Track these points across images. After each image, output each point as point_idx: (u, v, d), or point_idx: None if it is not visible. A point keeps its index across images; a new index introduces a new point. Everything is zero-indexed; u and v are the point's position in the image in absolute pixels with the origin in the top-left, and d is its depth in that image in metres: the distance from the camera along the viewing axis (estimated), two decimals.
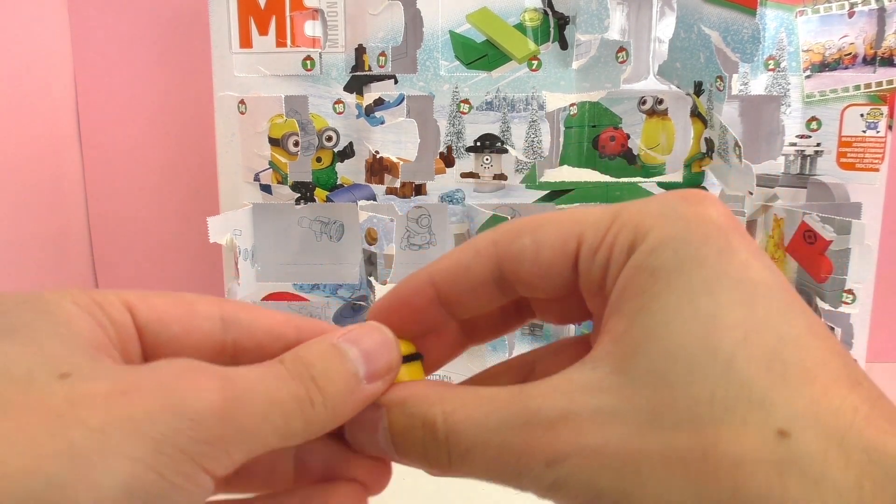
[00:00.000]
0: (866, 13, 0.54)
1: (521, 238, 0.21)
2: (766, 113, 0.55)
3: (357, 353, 0.20)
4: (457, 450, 0.19)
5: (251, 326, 0.21)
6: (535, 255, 0.20)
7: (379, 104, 0.56)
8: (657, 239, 0.18)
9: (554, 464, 0.18)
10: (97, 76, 0.72)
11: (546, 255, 0.20)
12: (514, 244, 0.21)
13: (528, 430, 0.18)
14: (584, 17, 0.54)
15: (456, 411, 0.19)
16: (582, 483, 0.17)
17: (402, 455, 0.20)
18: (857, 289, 0.53)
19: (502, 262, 0.21)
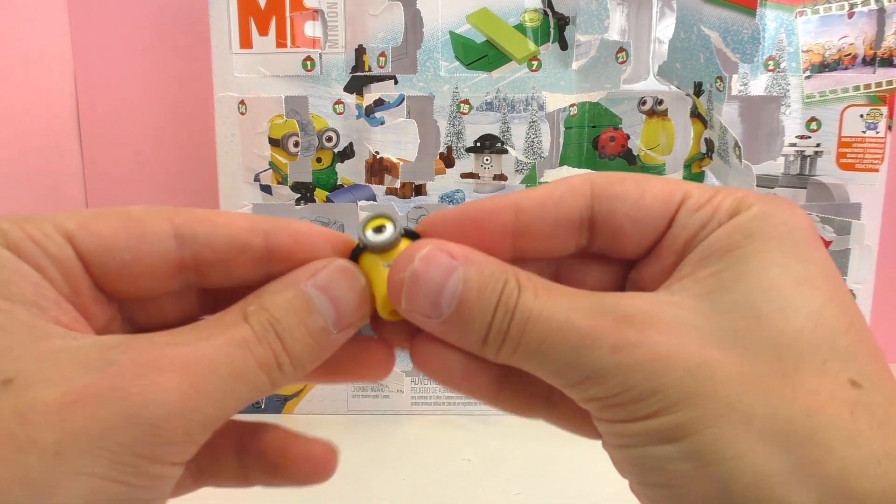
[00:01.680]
0: (866, 14, 0.54)
1: (623, 182, 0.21)
2: (766, 113, 0.55)
3: (327, 305, 0.20)
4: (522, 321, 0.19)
5: (210, 240, 0.20)
6: (637, 199, 0.21)
7: (379, 104, 0.56)
8: (759, 210, 0.20)
9: (620, 349, 0.18)
10: (97, 76, 0.72)
11: (648, 201, 0.21)
12: (614, 186, 0.21)
13: (601, 316, 0.19)
14: (583, 17, 0.54)
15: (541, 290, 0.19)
16: (645, 374, 0.18)
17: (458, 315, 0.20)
18: (857, 289, 0.53)
19: (599, 200, 0.21)
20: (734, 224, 0.19)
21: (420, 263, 0.20)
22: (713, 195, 0.20)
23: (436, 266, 0.20)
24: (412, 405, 0.61)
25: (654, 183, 0.21)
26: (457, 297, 0.19)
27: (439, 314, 0.20)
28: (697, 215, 0.20)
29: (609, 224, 0.21)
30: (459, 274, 0.19)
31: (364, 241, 0.21)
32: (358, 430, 0.58)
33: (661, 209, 0.21)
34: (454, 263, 0.20)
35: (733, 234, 0.19)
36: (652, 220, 0.21)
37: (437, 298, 0.20)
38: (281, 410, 0.61)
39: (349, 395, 0.61)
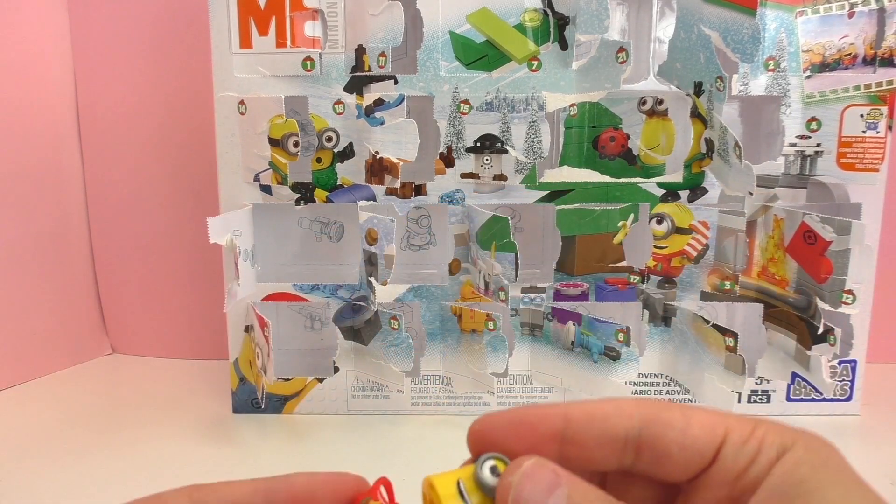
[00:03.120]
0: (866, 13, 0.54)
1: (670, 409, 0.23)
2: (766, 113, 0.55)
3: None
4: None
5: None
6: (684, 426, 0.22)
7: (379, 104, 0.56)
8: (808, 444, 0.21)
9: None
10: (97, 76, 0.72)
11: (695, 430, 0.22)
12: (663, 412, 0.22)
13: None
14: (584, 17, 0.54)
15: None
16: None
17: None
18: (856, 289, 0.53)
19: (647, 424, 0.22)
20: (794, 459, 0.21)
21: (526, 472, 0.21)
22: (754, 428, 0.22)
23: (541, 479, 0.21)
24: (412, 405, 0.61)
25: (699, 413, 0.22)
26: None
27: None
28: (745, 449, 0.21)
29: (657, 447, 0.22)
30: (563, 491, 0.21)
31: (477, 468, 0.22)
32: (358, 430, 0.58)
33: (707, 439, 0.22)
34: (558, 480, 0.21)
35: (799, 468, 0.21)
36: (698, 448, 0.22)
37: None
38: (281, 410, 0.61)
39: (349, 395, 0.61)
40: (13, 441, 0.57)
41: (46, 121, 0.70)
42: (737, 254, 0.58)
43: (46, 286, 0.72)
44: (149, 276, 0.75)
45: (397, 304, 0.59)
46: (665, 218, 0.58)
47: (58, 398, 0.66)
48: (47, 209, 0.71)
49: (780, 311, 0.58)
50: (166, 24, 0.69)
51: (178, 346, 0.76)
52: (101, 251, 0.76)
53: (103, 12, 0.70)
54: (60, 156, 0.72)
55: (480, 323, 0.59)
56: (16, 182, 0.68)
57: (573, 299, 0.59)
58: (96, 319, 0.77)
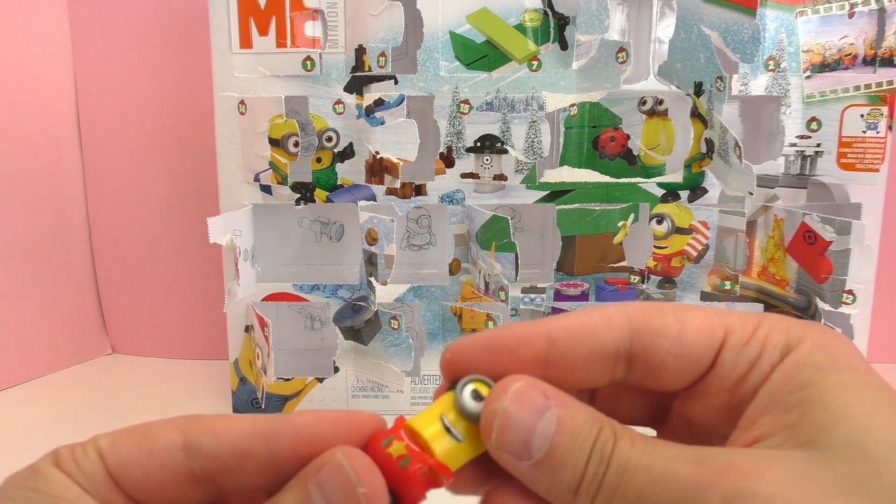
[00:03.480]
0: (866, 14, 0.54)
1: (662, 314, 0.20)
2: (766, 113, 0.55)
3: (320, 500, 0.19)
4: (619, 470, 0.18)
5: (212, 450, 0.20)
6: (678, 333, 0.20)
7: (379, 104, 0.56)
8: (814, 343, 0.19)
9: (734, 500, 0.17)
10: (97, 76, 0.72)
11: (691, 336, 0.20)
12: (654, 318, 0.20)
13: (706, 465, 0.18)
14: (584, 17, 0.54)
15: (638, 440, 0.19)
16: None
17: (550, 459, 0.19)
18: (857, 289, 0.53)
19: (637, 334, 0.20)
20: (796, 360, 0.19)
21: (513, 398, 0.19)
22: (756, 328, 0.20)
23: (529, 403, 0.19)
24: (412, 405, 0.61)
25: (695, 315, 0.20)
26: (549, 439, 0.19)
27: (529, 455, 0.19)
28: (745, 352, 0.20)
29: (649, 358, 0.20)
30: (553, 414, 0.19)
31: (458, 396, 0.20)
32: None
33: (704, 344, 0.20)
34: (547, 403, 0.19)
35: (802, 370, 0.19)
36: (695, 355, 0.20)
37: (529, 437, 0.19)
38: (281, 410, 0.61)
39: (349, 394, 0.61)
40: (13, 441, 0.57)
41: (46, 121, 0.70)
42: (737, 254, 0.58)
43: (46, 286, 0.72)
44: (149, 276, 0.75)
45: (397, 304, 0.59)
46: (665, 218, 0.58)
47: (58, 398, 0.66)
48: (47, 209, 0.71)
49: (780, 311, 0.58)
50: (166, 24, 0.69)
51: (178, 346, 0.76)
52: (101, 251, 0.76)
53: (103, 12, 0.70)
54: (60, 156, 0.72)
55: (480, 323, 0.59)
56: (16, 182, 0.68)
57: (573, 299, 0.59)
58: (96, 319, 0.77)
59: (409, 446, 0.20)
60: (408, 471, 0.19)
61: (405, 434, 0.20)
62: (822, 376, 0.18)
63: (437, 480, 0.20)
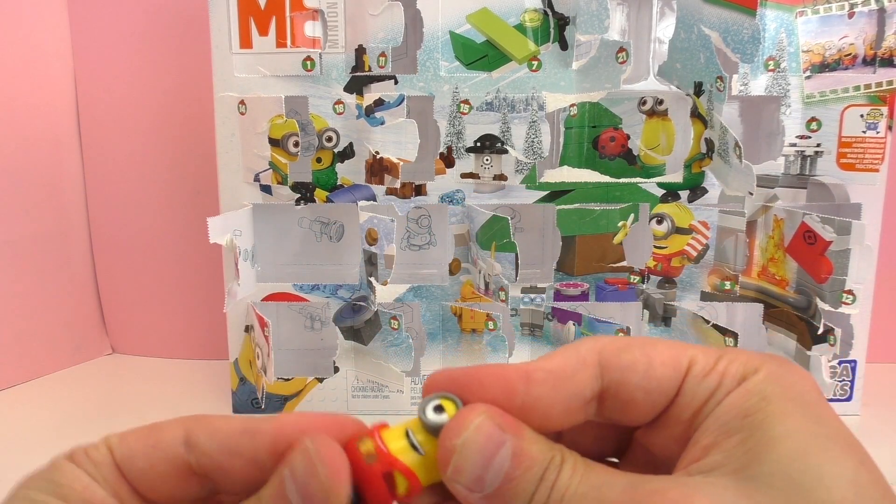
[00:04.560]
0: (866, 14, 0.54)
1: (630, 350, 0.21)
2: (766, 113, 0.55)
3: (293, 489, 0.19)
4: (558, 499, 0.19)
5: (208, 447, 0.21)
6: (646, 368, 0.21)
7: (379, 104, 0.56)
8: (768, 373, 0.20)
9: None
10: (97, 76, 0.72)
11: (658, 370, 0.21)
12: (623, 355, 0.21)
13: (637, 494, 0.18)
14: (584, 17, 0.54)
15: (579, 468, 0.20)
16: None
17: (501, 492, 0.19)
18: (857, 289, 0.53)
19: (608, 371, 0.21)
20: (746, 389, 0.19)
21: (471, 435, 0.20)
22: (718, 359, 0.20)
23: (486, 439, 0.19)
24: (412, 405, 0.61)
25: (661, 349, 0.21)
26: (502, 473, 0.19)
27: (482, 489, 0.19)
28: (705, 383, 0.20)
29: (620, 395, 0.21)
30: (508, 449, 0.19)
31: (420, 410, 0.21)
32: None
33: (670, 377, 0.21)
34: (503, 437, 0.20)
35: (749, 398, 0.19)
36: (662, 389, 0.21)
37: (483, 473, 0.19)
38: (281, 410, 0.61)
39: (349, 394, 0.61)
40: (13, 441, 0.57)
41: (46, 121, 0.70)
42: (737, 254, 0.58)
43: (46, 286, 0.72)
44: (149, 276, 0.75)
45: (397, 304, 0.59)
46: (665, 218, 0.58)
47: (58, 398, 0.66)
48: (47, 209, 0.71)
49: (781, 311, 0.58)
50: (166, 24, 0.69)
51: (178, 346, 0.76)
52: (101, 251, 0.76)
53: (103, 12, 0.70)
54: (60, 156, 0.72)
55: (480, 323, 0.59)
56: (16, 182, 0.68)
57: (573, 299, 0.59)
58: (96, 319, 0.77)
59: (378, 446, 0.20)
60: (372, 469, 0.20)
61: (378, 437, 0.21)
62: (767, 404, 0.19)
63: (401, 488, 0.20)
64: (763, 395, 0.19)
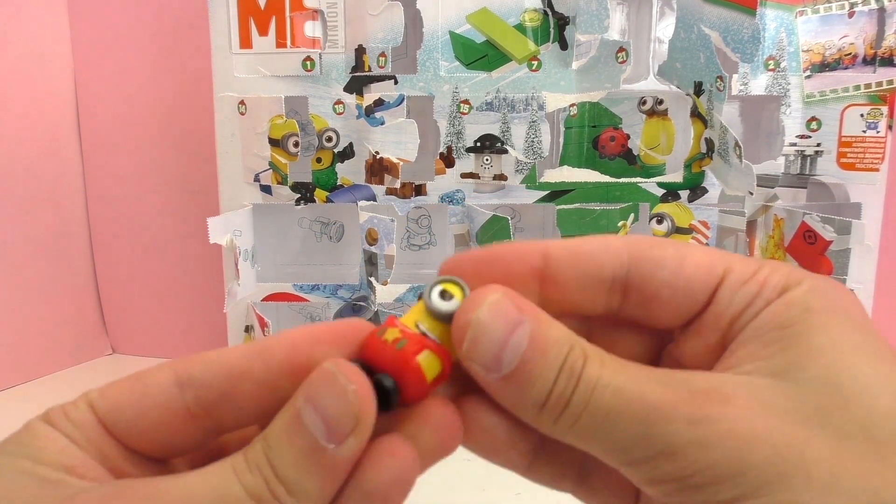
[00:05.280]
0: (866, 13, 0.54)
1: (662, 247, 0.20)
2: (766, 113, 0.55)
3: (314, 418, 0.18)
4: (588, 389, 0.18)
5: (206, 377, 0.19)
6: (677, 266, 0.20)
7: (379, 105, 0.56)
8: (812, 285, 0.19)
9: (698, 423, 0.17)
10: (97, 76, 0.72)
11: (689, 270, 0.20)
12: (654, 250, 0.20)
13: (675, 389, 0.18)
14: (583, 17, 0.54)
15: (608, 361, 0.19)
16: (726, 452, 0.17)
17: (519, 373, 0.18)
18: (857, 289, 0.53)
19: (635, 263, 0.20)
20: (789, 299, 0.19)
21: (487, 310, 0.19)
22: (757, 269, 0.19)
23: (503, 316, 0.19)
24: None
25: (695, 251, 0.20)
26: (520, 353, 0.18)
27: (499, 368, 0.19)
28: (743, 291, 0.19)
29: (645, 289, 0.20)
30: (526, 329, 0.18)
31: (425, 298, 0.20)
32: None
33: (703, 279, 0.20)
34: (521, 317, 0.19)
35: (790, 309, 0.18)
36: (692, 290, 0.20)
37: (500, 351, 0.18)
38: None
39: None
40: None
41: (46, 121, 0.70)
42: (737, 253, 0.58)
43: (46, 286, 0.72)
44: (149, 276, 0.75)
45: (397, 304, 0.59)
46: (665, 218, 0.58)
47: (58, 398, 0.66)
48: (47, 209, 0.71)
49: None
50: (166, 24, 0.69)
51: (178, 346, 0.76)
52: (101, 251, 0.76)
53: (103, 12, 0.70)
54: (60, 156, 0.72)
55: None
56: (16, 182, 0.68)
57: None
58: (96, 319, 0.77)
59: (404, 330, 0.20)
60: (405, 351, 0.19)
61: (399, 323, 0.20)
62: (810, 315, 0.18)
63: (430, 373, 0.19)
64: (806, 306, 0.18)
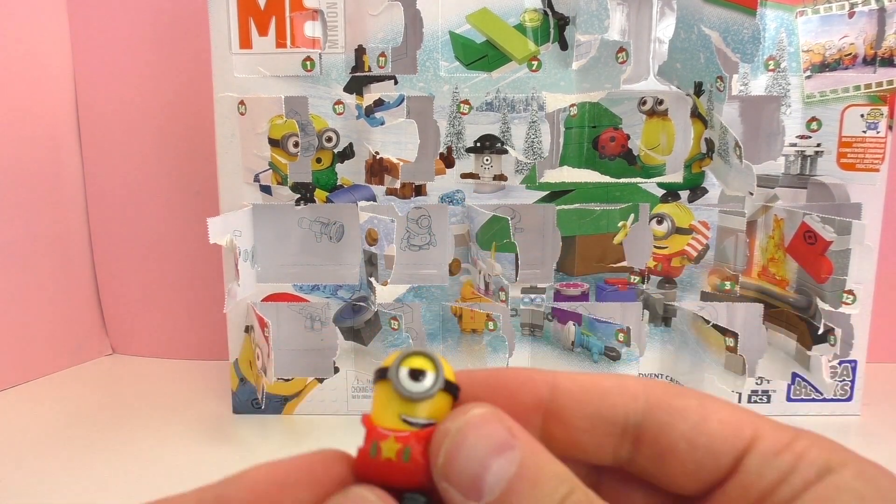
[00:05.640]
0: (866, 13, 0.54)
1: (685, 397, 0.18)
2: (767, 113, 0.55)
3: None
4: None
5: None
6: (700, 420, 0.18)
7: (379, 105, 0.56)
8: (859, 471, 0.17)
9: None
10: (97, 76, 0.72)
11: (714, 426, 0.17)
12: (675, 399, 0.18)
13: None
14: (583, 17, 0.54)
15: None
16: None
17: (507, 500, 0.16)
18: (857, 289, 0.53)
19: (654, 410, 0.18)
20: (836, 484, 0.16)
21: (473, 422, 0.16)
22: (792, 440, 0.17)
23: (488, 432, 0.16)
24: None
25: (722, 407, 0.18)
26: (505, 481, 0.16)
27: (479, 496, 0.16)
28: (776, 463, 0.17)
29: (661, 441, 0.18)
30: (516, 455, 0.16)
31: (397, 386, 0.17)
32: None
33: (728, 440, 0.17)
34: (511, 440, 0.16)
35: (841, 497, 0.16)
36: (714, 450, 0.17)
37: (482, 473, 0.16)
38: (281, 411, 0.61)
39: (349, 395, 0.61)
40: (13, 441, 0.57)
41: (46, 121, 0.70)
42: (737, 254, 0.58)
43: (46, 286, 0.72)
44: (149, 276, 0.75)
45: (397, 305, 0.59)
46: (665, 218, 0.58)
47: (58, 398, 0.66)
48: (47, 209, 0.71)
49: (781, 311, 0.58)
50: (166, 24, 0.69)
51: (178, 347, 0.76)
52: (101, 251, 0.76)
53: (103, 12, 0.70)
54: (60, 156, 0.72)
55: (480, 323, 0.59)
56: (16, 182, 0.68)
57: (573, 299, 0.59)
58: (96, 319, 0.77)
59: (398, 436, 0.17)
60: (416, 461, 0.17)
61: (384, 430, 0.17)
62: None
63: None
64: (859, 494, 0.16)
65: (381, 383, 0.18)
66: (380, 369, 0.18)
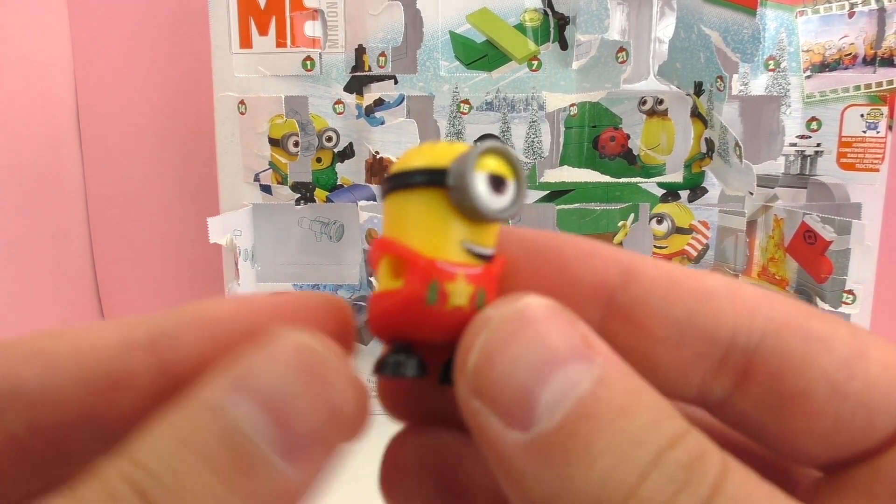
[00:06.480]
0: (866, 13, 0.54)
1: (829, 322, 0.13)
2: (767, 113, 0.55)
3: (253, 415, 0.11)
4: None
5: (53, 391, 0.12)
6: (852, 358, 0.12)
7: (379, 104, 0.56)
8: None
9: None
10: (97, 76, 0.72)
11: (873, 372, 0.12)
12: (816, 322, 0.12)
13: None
14: (584, 17, 0.54)
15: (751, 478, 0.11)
16: None
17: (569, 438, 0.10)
18: (857, 289, 0.53)
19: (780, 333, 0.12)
20: None
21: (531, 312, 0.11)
22: None
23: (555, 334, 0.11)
24: None
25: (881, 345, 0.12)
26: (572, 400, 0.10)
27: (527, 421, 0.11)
28: None
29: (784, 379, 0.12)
30: (594, 371, 0.11)
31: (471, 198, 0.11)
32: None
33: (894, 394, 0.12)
34: (588, 352, 0.11)
35: None
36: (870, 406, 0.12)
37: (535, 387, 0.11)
38: None
39: None
40: None
41: (46, 121, 0.70)
42: (737, 254, 0.58)
43: (46, 286, 0.72)
44: (149, 276, 0.75)
45: None
46: (665, 218, 0.58)
47: None
48: (47, 209, 0.71)
49: None
50: (166, 24, 0.69)
51: None
52: (101, 251, 0.76)
53: (103, 12, 0.70)
54: (60, 156, 0.72)
55: None
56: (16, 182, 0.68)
57: None
58: (96, 319, 0.77)
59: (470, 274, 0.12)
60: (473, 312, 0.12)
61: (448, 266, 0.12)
62: None
63: None
64: None
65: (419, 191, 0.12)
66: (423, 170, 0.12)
